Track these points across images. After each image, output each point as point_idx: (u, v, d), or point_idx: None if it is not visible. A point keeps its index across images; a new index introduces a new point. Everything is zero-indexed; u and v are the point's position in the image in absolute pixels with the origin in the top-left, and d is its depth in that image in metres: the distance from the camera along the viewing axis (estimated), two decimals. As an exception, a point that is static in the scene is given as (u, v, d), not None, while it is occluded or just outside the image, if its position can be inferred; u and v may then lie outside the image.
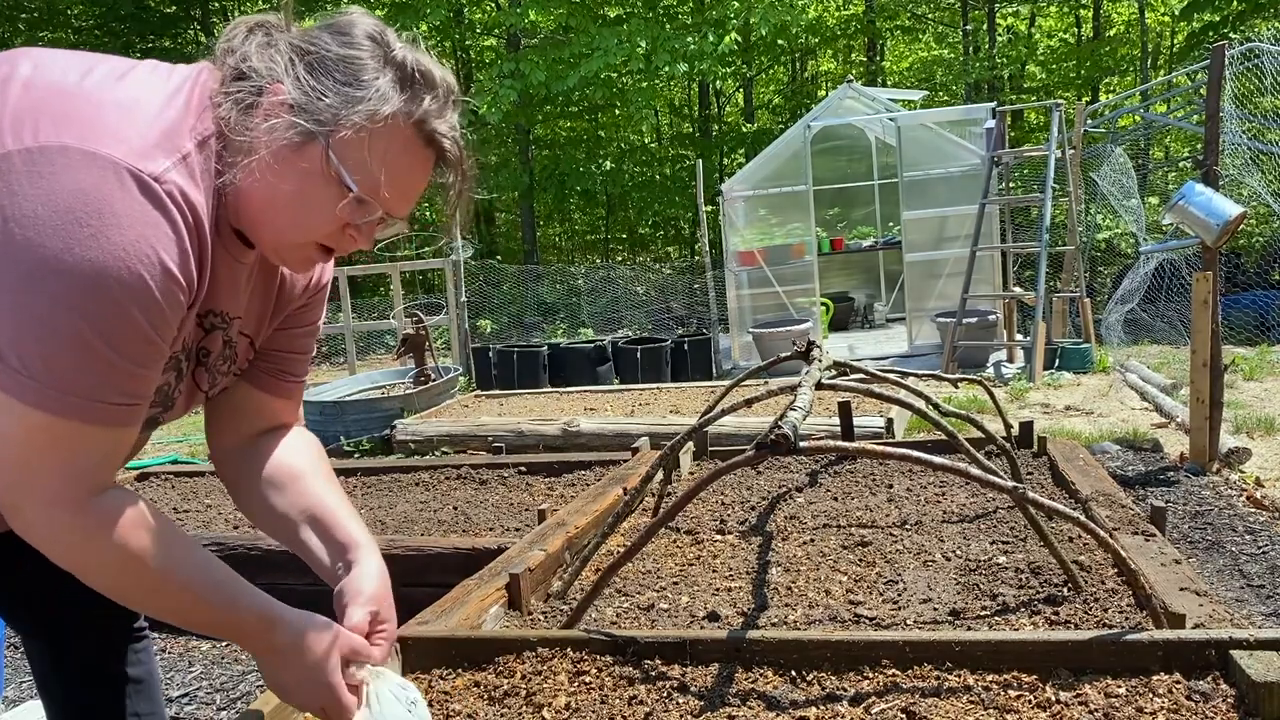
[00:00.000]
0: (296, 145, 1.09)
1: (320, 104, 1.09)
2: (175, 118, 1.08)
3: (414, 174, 1.17)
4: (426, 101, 1.13)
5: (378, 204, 1.14)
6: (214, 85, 1.12)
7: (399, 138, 1.12)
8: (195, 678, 2.97)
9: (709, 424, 2.53)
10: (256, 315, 1.33)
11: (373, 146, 1.10)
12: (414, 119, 1.12)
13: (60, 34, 17.47)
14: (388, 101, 1.10)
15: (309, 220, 1.14)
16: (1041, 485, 2.91)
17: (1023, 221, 10.82)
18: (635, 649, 1.69)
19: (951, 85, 20.34)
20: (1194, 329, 4.47)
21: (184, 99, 1.10)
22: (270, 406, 1.41)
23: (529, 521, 3.26)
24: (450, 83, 1.18)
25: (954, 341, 7.99)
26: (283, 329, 1.39)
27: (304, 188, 1.11)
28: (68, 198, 0.97)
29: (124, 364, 1.03)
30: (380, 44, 1.14)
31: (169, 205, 1.03)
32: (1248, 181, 6.84)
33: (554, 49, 14.48)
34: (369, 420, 6.32)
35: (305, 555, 1.34)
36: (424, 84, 1.14)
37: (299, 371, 1.44)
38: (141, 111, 1.06)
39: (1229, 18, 13.80)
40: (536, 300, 14.59)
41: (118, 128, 1.02)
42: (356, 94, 1.09)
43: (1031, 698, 1.47)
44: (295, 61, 1.10)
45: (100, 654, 1.56)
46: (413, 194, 1.18)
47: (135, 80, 1.10)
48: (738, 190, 9.57)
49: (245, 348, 1.34)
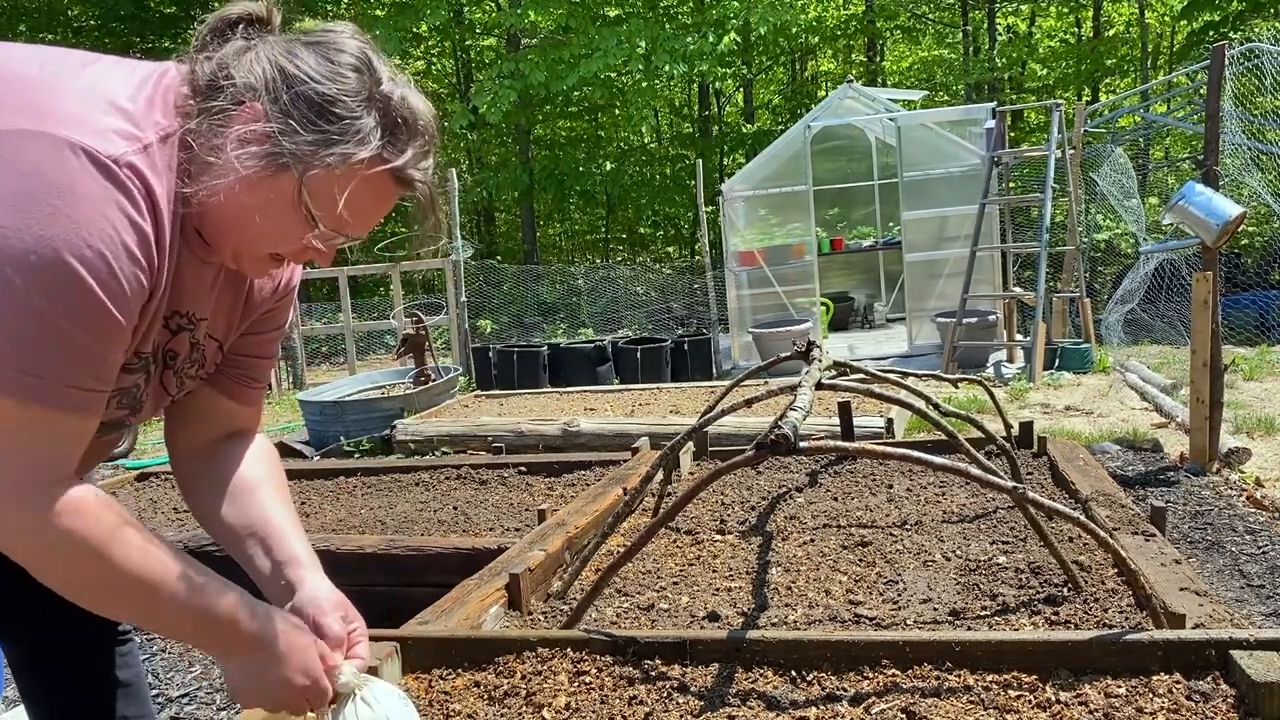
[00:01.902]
0: (269, 175, 1.08)
1: (297, 139, 1.07)
2: (138, 110, 1.07)
3: (381, 206, 1.17)
4: (407, 153, 1.12)
5: (342, 233, 1.14)
6: (183, 87, 1.10)
7: (373, 181, 1.11)
8: (195, 678, 2.97)
9: (709, 424, 2.53)
10: (225, 318, 1.31)
11: (345, 186, 1.09)
12: (390, 166, 1.11)
13: (61, 35, 17.47)
14: (366, 146, 1.09)
15: (272, 239, 1.14)
16: (1041, 485, 2.91)
17: (1023, 221, 10.81)
18: (635, 649, 1.69)
19: (951, 85, 20.34)
20: (1194, 329, 4.47)
21: (148, 93, 1.09)
22: (232, 412, 1.40)
23: (529, 521, 3.26)
24: (432, 128, 1.16)
25: (954, 341, 7.98)
26: (250, 333, 1.37)
27: (271, 211, 1.10)
28: (23, 178, 0.96)
29: (89, 344, 1.02)
30: (366, 74, 1.11)
31: (128, 186, 1.01)
32: (1248, 181, 6.83)
33: (554, 49, 14.47)
34: (369, 420, 6.32)
35: (247, 566, 1.32)
36: (406, 130, 1.12)
37: (262, 377, 1.43)
38: (100, 98, 1.05)
39: (1229, 17, 13.80)
40: (536, 300, 14.59)
41: (77, 112, 1.01)
42: (335, 135, 1.07)
43: (1031, 698, 1.47)
44: (276, 83, 1.07)
45: (86, 659, 1.55)
46: (376, 220, 1.18)
47: (97, 71, 1.10)
48: (738, 190, 9.57)
49: (214, 351, 1.32)
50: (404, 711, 1.28)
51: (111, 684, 1.57)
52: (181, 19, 18.84)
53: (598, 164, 18.38)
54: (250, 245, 1.15)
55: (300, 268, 1.39)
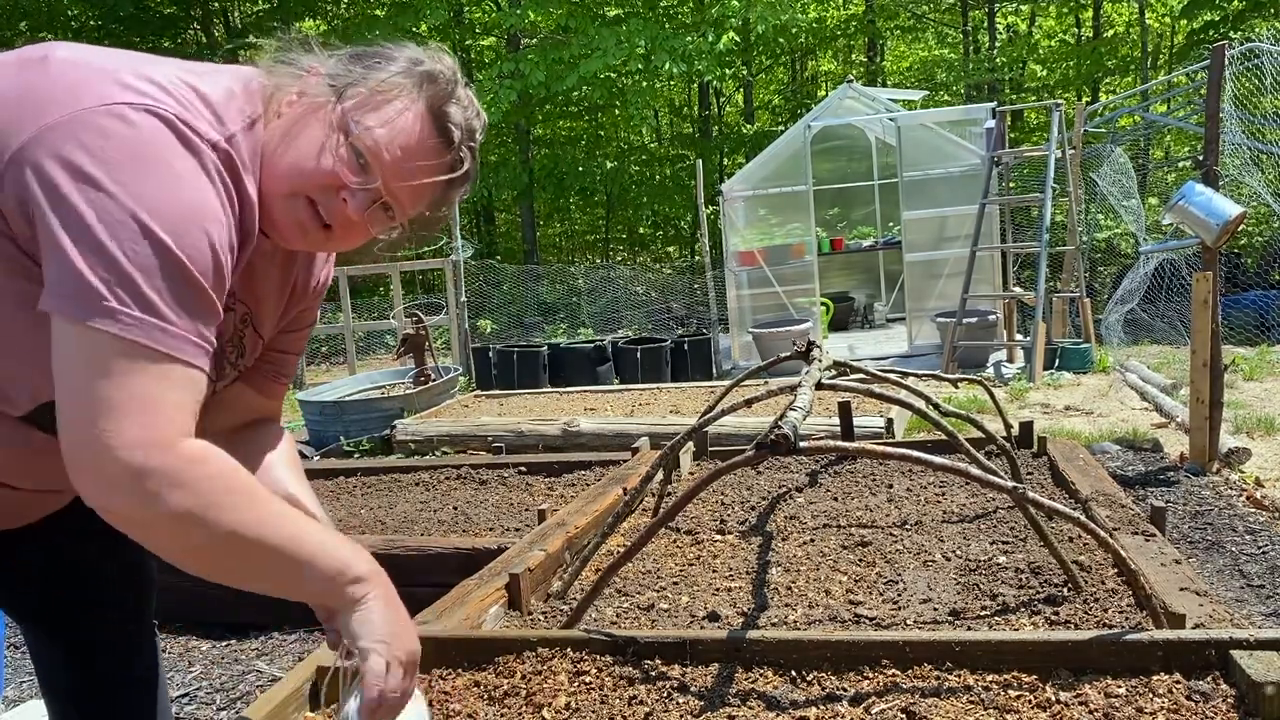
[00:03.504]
0: (316, 101, 1.16)
1: (347, 72, 1.17)
2: (225, 99, 1.14)
3: (417, 149, 1.17)
4: (442, 86, 1.18)
5: (376, 168, 1.15)
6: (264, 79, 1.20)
7: (409, 109, 1.16)
8: (195, 678, 2.97)
9: (709, 424, 2.53)
10: (270, 311, 1.34)
11: (381, 108, 1.15)
12: (425, 96, 1.17)
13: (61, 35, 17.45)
14: (408, 76, 1.17)
15: (305, 160, 1.15)
16: (1041, 485, 2.91)
17: (1023, 221, 10.81)
18: (635, 649, 1.69)
19: (952, 85, 20.33)
20: (1194, 329, 4.47)
21: (235, 86, 1.16)
22: (258, 405, 1.44)
23: (529, 521, 3.26)
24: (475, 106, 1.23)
25: (954, 341, 7.98)
26: (286, 330, 1.42)
27: (308, 128, 1.15)
28: (142, 145, 1.01)
29: (212, 295, 1.06)
30: (415, 60, 1.20)
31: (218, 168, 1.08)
32: (1248, 181, 6.83)
33: (553, 49, 14.47)
34: (369, 420, 6.31)
35: None
36: (445, 80, 1.20)
37: (290, 372, 1.48)
38: (187, 89, 1.10)
39: (1229, 17, 13.80)
40: (536, 300, 14.58)
41: (169, 97, 1.07)
42: (379, 67, 1.18)
43: (1031, 698, 1.47)
44: (334, 56, 1.21)
45: (117, 656, 1.56)
46: (413, 176, 1.18)
47: (170, 64, 1.15)
48: (738, 190, 9.56)
49: (254, 344, 1.35)
50: (414, 706, 1.28)
51: (138, 681, 1.58)
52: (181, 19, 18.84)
53: (597, 164, 18.37)
54: (284, 175, 1.16)
55: (333, 265, 1.45)
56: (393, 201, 1.18)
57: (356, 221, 1.17)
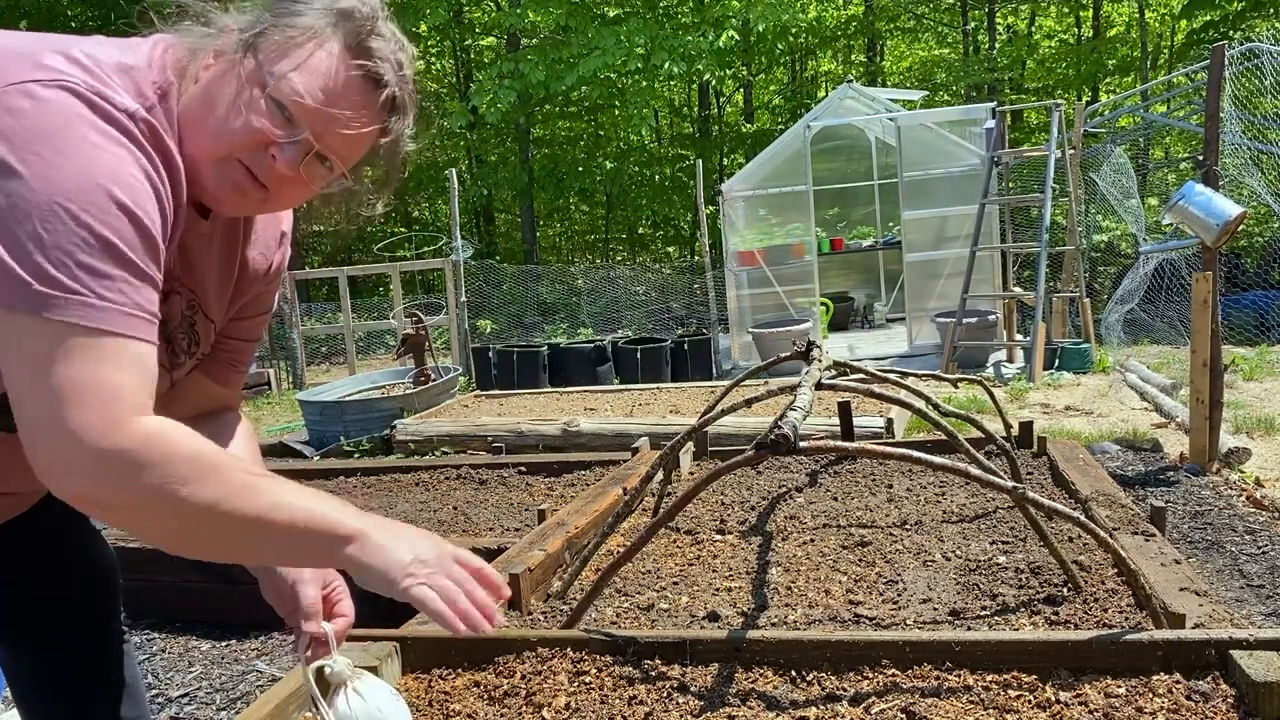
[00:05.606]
0: (231, 59, 1.11)
1: (258, 22, 1.12)
2: (144, 68, 1.11)
3: (340, 92, 1.12)
4: (359, 21, 1.12)
5: (301, 118, 1.11)
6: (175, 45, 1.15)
7: (322, 49, 1.11)
8: (195, 678, 2.97)
9: (709, 424, 2.53)
10: (216, 293, 1.31)
11: (292, 53, 1.10)
12: (341, 33, 1.12)
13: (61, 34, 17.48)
14: (322, 17, 1.12)
15: (228, 122, 1.11)
16: (1041, 485, 2.91)
17: (1023, 221, 10.81)
18: (635, 649, 1.69)
19: (951, 85, 20.33)
20: (1194, 329, 4.47)
21: (155, 54, 1.14)
22: (217, 394, 1.43)
23: (529, 521, 3.26)
24: (398, 39, 1.17)
25: (954, 341, 7.98)
26: (240, 317, 1.39)
27: (225, 87, 1.11)
28: (51, 119, 1.00)
29: (144, 265, 1.03)
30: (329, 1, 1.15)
31: (139, 136, 1.05)
32: (1248, 181, 6.83)
33: (553, 49, 14.48)
34: (369, 420, 6.31)
35: None
36: (362, 16, 1.14)
37: (248, 360, 1.46)
38: (103, 62, 1.08)
39: (1229, 17, 13.80)
40: (536, 300, 14.58)
41: (83, 71, 1.05)
42: (290, 12, 1.12)
43: (1031, 698, 1.47)
44: (250, 12, 1.14)
45: (86, 659, 1.55)
46: (342, 121, 1.13)
47: (90, 41, 1.13)
48: (738, 190, 9.56)
49: (207, 329, 1.33)
50: (396, 707, 1.29)
51: (112, 685, 1.56)
52: (181, 19, 18.83)
53: (597, 164, 18.37)
54: (211, 140, 1.12)
55: (288, 247, 1.41)
56: (326, 150, 1.14)
57: (291, 177, 1.14)
